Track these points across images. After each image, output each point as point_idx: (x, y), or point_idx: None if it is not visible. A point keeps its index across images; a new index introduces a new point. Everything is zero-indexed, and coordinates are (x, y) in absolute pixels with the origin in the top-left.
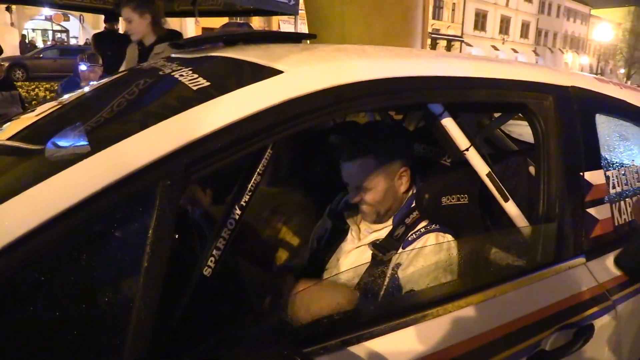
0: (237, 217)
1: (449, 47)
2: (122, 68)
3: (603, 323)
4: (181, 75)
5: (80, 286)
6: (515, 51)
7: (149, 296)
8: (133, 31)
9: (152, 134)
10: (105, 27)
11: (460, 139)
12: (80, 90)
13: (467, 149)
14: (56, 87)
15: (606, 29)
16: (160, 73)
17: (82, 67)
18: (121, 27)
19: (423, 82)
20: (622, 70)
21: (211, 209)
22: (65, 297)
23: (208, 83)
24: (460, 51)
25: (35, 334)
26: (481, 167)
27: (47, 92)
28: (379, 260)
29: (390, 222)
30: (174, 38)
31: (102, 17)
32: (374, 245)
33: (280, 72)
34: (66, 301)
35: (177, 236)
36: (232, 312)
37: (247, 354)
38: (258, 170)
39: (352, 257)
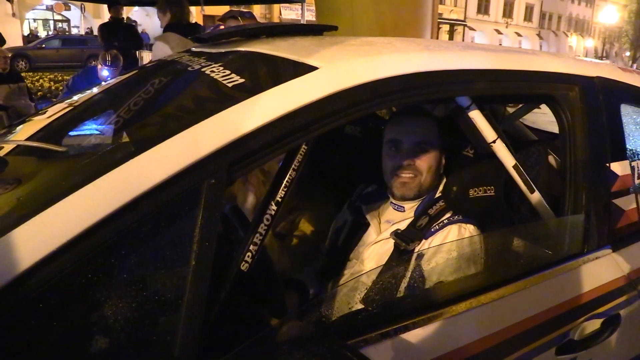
0: (273, 212)
1: (451, 32)
2: None
3: (629, 312)
4: (212, 72)
5: (128, 285)
6: (518, 35)
7: (196, 294)
8: None
9: (195, 133)
10: (110, 17)
11: (488, 131)
12: (107, 85)
13: (494, 141)
14: (60, 78)
15: (611, 10)
16: (190, 69)
17: (105, 72)
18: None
19: (455, 75)
20: (628, 53)
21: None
22: (113, 296)
23: (242, 80)
24: (463, 35)
25: (85, 329)
26: (508, 159)
27: (52, 83)
28: (402, 249)
29: (411, 213)
30: None
31: (104, 6)
32: (396, 234)
33: (315, 68)
34: (114, 300)
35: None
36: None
37: (293, 351)
38: (293, 166)
39: (374, 249)
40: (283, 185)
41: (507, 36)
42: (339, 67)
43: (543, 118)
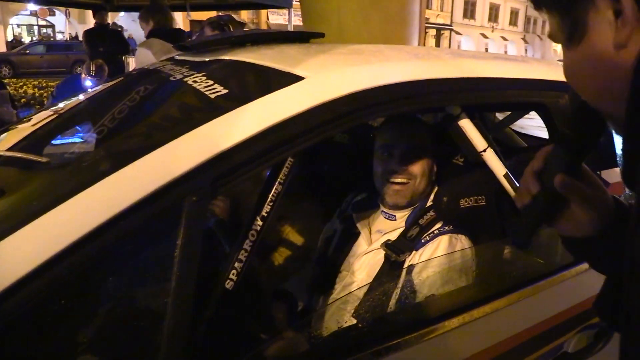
0: (258, 228)
1: (438, 36)
2: None
3: None
4: (195, 82)
5: (109, 306)
6: (504, 39)
7: (179, 314)
8: None
9: (176, 147)
10: (95, 23)
11: (478, 140)
12: (87, 94)
13: (484, 150)
14: (44, 84)
15: None
16: (172, 79)
17: (88, 83)
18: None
19: (445, 84)
20: None
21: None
22: (93, 317)
23: (226, 90)
24: (450, 40)
25: (66, 350)
26: (498, 168)
27: (36, 90)
28: (392, 261)
29: (402, 222)
30: None
31: (89, 11)
32: (387, 245)
33: (301, 78)
34: (95, 321)
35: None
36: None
37: None
38: (279, 180)
39: (365, 260)
40: (269, 199)
41: (493, 40)
42: (326, 77)
43: (530, 122)
